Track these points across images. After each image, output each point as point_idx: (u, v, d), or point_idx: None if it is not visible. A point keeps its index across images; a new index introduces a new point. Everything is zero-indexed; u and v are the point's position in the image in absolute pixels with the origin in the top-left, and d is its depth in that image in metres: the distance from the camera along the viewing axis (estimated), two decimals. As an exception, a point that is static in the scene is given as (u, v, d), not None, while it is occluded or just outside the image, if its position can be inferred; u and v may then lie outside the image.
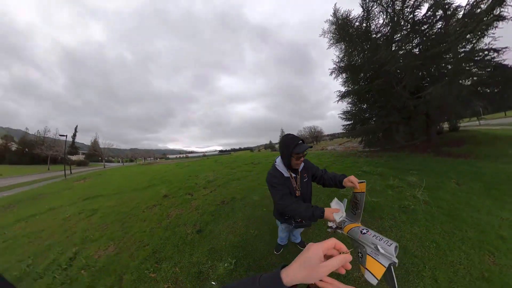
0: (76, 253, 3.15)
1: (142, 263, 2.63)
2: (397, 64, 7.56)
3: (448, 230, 2.57)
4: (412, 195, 3.57)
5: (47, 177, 18.94)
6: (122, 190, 7.76)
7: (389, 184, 4.28)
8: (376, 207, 3.30)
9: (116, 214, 4.80)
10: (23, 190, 11.14)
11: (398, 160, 7.10)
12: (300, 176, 1.59)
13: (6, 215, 6.18)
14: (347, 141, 23.67)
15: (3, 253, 3.54)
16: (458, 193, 3.64)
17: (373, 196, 3.67)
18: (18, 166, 35.76)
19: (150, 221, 3.98)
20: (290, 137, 1.43)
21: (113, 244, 3.30)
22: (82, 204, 6.31)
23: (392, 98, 9.21)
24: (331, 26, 10.54)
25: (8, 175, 22.36)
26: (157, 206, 4.92)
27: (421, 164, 6.07)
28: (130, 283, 2.33)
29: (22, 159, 40.06)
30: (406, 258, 2.17)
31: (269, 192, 1.57)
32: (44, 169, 32.25)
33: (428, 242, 2.40)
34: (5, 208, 7.15)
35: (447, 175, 4.66)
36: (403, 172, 5.15)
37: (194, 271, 2.34)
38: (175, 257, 2.68)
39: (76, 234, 3.92)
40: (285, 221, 1.78)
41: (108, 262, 2.80)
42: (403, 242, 2.46)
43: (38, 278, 2.65)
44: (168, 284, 2.21)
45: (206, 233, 3.20)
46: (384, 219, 2.96)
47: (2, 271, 2.93)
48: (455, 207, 3.13)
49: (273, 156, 13.54)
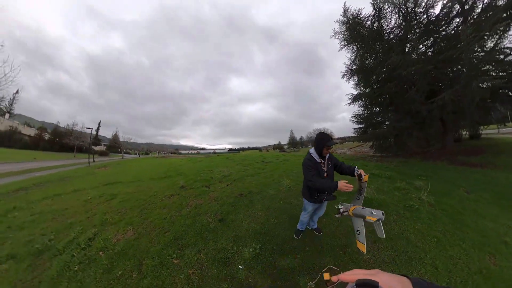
0: (95, 234, 3.06)
1: (164, 249, 2.45)
2: (409, 69, 7.16)
3: (450, 230, 2.62)
4: (417, 197, 3.62)
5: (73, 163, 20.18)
6: (140, 179, 7.84)
7: (396, 186, 4.34)
8: (382, 203, 3.40)
9: (135, 200, 4.73)
10: (52, 173, 11.84)
11: (408, 166, 6.98)
12: (326, 163, 2.04)
13: (35, 192, 6.47)
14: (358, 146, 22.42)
15: (29, 225, 3.60)
16: (465, 200, 3.59)
17: (380, 195, 3.75)
18: (50, 153, 39.45)
19: (169, 209, 3.84)
20: (324, 134, 2.03)
21: (132, 228, 3.16)
22: (102, 189, 6.41)
23: (405, 102, 8.71)
24: (341, 26, 10.05)
25: (41, 159, 24.32)
26: (175, 196, 4.79)
27: (431, 171, 5.95)
28: (151, 268, 2.14)
29: (53, 147, 44.67)
30: (409, 247, 2.27)
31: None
32: (70, 156, 35.08)
33: (430, 237, 2.46)
34: (35, 186, 7.54)
35: (456, 183, 4.60)
36: (412, 177, 5.10)
37: (219, 256, 2.28)
38: (199, 244, 2.54)
39: (96, 216, 3.88)
40: (316, 200, 2.07)
41: (127, 246, 2.65)
42: (406, 234, 2.55)
43: (57, 254, 2.58)
44: (193, 270, 2.09)
45: (228, 222, 3.09)
46: (389, 214, 3.02)
47: (26, 243, 2.92)
48: (460, 212, 3.14)
49: (283, 157, 13.55)
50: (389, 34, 9.05)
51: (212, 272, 2.06)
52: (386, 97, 9.98)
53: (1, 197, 5.87)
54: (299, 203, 3.67)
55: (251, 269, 2.07)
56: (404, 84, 8.38)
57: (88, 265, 2.33)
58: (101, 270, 2.21)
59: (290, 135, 65.03)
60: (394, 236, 2.49)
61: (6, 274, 2.28)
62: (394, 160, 8.48)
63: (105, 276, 2.12)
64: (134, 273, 2.13)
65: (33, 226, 3.57)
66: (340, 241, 2.44)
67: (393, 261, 2.07)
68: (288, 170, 7.22)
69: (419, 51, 8.23)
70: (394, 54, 7.53)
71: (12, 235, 3.25)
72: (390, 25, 8.93)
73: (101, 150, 52.49)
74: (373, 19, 9.05)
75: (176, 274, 2.06)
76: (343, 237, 2.52)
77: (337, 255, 2.20)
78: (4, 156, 23.06)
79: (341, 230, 2.68)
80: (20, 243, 2.92)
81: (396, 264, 2.03)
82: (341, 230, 2.68)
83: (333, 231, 2.66)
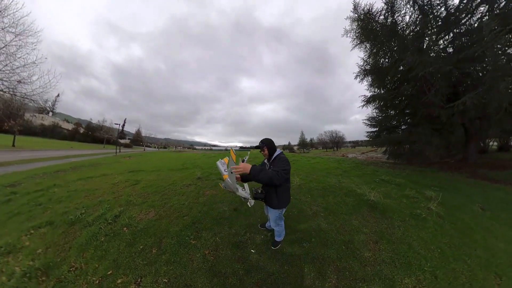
0: (120, 212, 3.18)
1: (182, 231, 2.48)
2: (426, 70, 6.14)
3: (456, 244, 2.39)
4: (426, 207, 3.33)
5: (103, 153, 21.70)
6: (160, 169, 8.11)
7: (405, 193, 4.04)
8: (388, 209, 3.21)
9: (156, 187, 4.87)
10: (85, 159, 12.76)
11: (422, 175, 6.34)
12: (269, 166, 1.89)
13: (71, 174, 7.00)
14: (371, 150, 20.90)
15: (65, 200, 3.89)
16: (479, 217, 3.23)
17: (387, 199, 3.56)
18: (83, 143, 44.26)
19: (187, 197, 3.90)
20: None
21: (154, 210, 3.24)
22: (127, 175, 6.72)
23: (422, 106, 7.58)
24: (352, 23, 8.96)
25: (76, 148, 26.70)
26: (192, 185, 4.86)
27: (446, 183, 5.37)
28: (169, 246, 2.17)
29: (86, 139, 49.95)
30: (410, 252, 2.15)
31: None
32: (100, 147, 38.66)
33: (433, 247, 2.28)
34: (71, 169, 8.18)
35: (473, 198, 4.13)
36: (423, 187, 4.66)
37: (234, 240, 2.35)
38: (215, 228, 2.56)
39: (122, 197, 4.04)
40: None
41: (148, 225, 2.71)
42: (408, 240, 2.40)
43: (87, 226, 2.71)
44: (208, 250, 2.12)
45: (242, 212, 3.09)
46: (394, 219, 2.88)
47: (62, 213, 3.14)
48: (470, 227, 2.83)
49: (293, 157, 13.03)
50: (404, 30, 7.86)
51: (227, 253, 2.10)
52: (402, 100, 8.88)
53: (45, 176, 6.42)
54: (307, 200, 3.65)
55: (261, 253, 2.09)
56: (423, 85, 7.18)
57: (113, 237, 2.42)
58: (124, 243, 2.28)
59: (300, 136, 62.66)
60: (396, 240, 2.40)
61: (44, 237, 2.47)
62: (407, 168, 7.74)
63: (128, 249, 2.18)
64: (154, 249, 2.16)
65: (68, 200, 3.84)
66: (344, 237, 2.44)
67: (392, 262, 2.01)
68: (298, 170, 7.04)
69: (438, 49, 7.12)
70: (409, 54, 6.53)
71: (51, 206, 3.53)
72: (405, 20, 7.79)
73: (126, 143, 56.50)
74: (386, 13, 7.97)
75: (193, 253, 2.07)
76: (347, 233, 2.52)
77: (340, 249, 2.21)
78: (48, 145, 26.27)
79: (345, 227, 2.67)
80: (57, 214, 3.15)
81: (395, 266, 1.96)
82: (345, 227, 2.67)
83: (338, 228, 2.65)
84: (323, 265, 1.94)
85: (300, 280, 1.76)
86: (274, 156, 1.83)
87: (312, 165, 8.31)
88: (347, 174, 6.09)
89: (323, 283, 1.73)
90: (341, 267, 1.93)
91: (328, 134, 55.98)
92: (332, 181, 5.01)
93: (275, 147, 1.91)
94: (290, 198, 1.96)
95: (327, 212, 3.10)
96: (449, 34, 6.96)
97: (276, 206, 1.85)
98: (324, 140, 57.11)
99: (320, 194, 3.94)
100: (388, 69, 8.42)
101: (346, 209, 3.22)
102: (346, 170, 6.94)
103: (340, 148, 53.03)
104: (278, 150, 1.90)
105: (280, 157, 1.79)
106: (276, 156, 1.81)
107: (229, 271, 1.84)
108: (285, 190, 1.85)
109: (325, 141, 56.79)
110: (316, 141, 64.43)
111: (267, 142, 1.87)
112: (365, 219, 2.86)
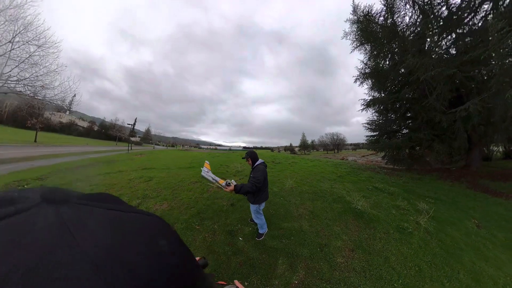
0: (139, 204, 3.78)
1: (190, 219, 3.05)
2: (428, 73, 5.73)
3: (438, 264, 2.22)
4: (415, 221, 3.17)
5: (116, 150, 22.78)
6: (170, 167, 8.75)
7: (396, 204, 3.85)
8: (373, 219, 3.14)
9: (167, 183, 5.46)
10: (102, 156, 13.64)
11: (418, 184, 6.05)
12: None
13: (90, 169, 7.74)
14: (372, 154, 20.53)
15: (92, 192, 4.53)
16: (472, 235, 3.02)
17: (375, 210, 3.47)
18: (97, 140, 47.39)
19: (194, 192, 4.46)
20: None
21: (166, 203, 3.82)
22: (141, 172, 7.37)
23: (423, 111, 7.20)
24: (352, 25, 8.72)
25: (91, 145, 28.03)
26: (198, 183, 5.41)
27: (443, 193, 5.02)
28: (179, 230, 2.74)
29: (100, 136, 52.22)
30: (384, 266, 2.08)
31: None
32: (113, 144, 40.53)
33: (412, 264, 2.17)
34: (91, 165, 8.97)
35: (469, 212, 3.86)
36: (418, 197, 4.45)
37: (228, 229, 2.79)
38: (214, 218, 3.08)
39: (139, 191, 4.64)
40: None
41: (162, 214, 3.29)
42: (386, 253, 2.31)
43: None
44: (208, 234, 2.65)
45: (237, 207, 3.57)
46: (377, 231, 2.79)
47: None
48: (459, 247, 2.61)
49: (292, 159, 13.05)
50: (404, 31, 7.43)
51: (221, 238, 2.58)
52: (403, 103, 8.44)
53: (66, 171, 7.10)
54: (296, 202, 3.83)
55: (247, 241, 2.50)
56: (424, 88, 6.65)
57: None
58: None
59: (302, 138, 62.89)
60: (374, 251, 2.33)
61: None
62: (405, 175, 7.36)
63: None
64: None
65: (92, 193, 4.49)
66: (322, 240, 2.54)
67: (362, 272, 1.99)
68: (294, 172, 7.45)
69: (440, 50, 6.61)
70: (410, 56, 6.05)
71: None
72: (405, 21, 7.46)
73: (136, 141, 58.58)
74: (385, 14, 7.65)
75: (197, 235, 2.63)
76: (326, 237, 2.61)
77: (314, 250, 2.34)
78: (66, 141, 27.78)
79: (325, 232, 2.75)
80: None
81: (365, 277, 1.93)
82: (325, 232, 2.75)
83: (318, 231, 2.76)
84: (296, 261, 2.12)
85: (273, 268, 2.02)
86: (255, 165, 2.34)
87: (309, 168, 8.34)
88: (341, 180, 6.05)
89: (291, 275, 1.93)
90: (311, 266, 2.06)
91: (329, 136, 56.26)
92: (325, 186, 5.03)
93: (257, 158, 2.41)
94: (267, 196, 2.42)
95: (312, 216, 3.22)
96: (451, 34, 6.59)
97: (253, 202, 2.34)
98: (325, 142, 57.06)
99: (310, 198, 4.06)
100: (389, 72, 8.16)
101: (331, 214, 3.26)
102: (341, 175, 6.93)
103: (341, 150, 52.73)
104: (259, 160, 2.39)
105: (258, 167, 2.29)
106: (256, 166, 2.32)
107: (221, 251, 2.29)
108: (261, 191, 2.29)
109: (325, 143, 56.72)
110: (317, 143, 64.46)
111: (251, 154, 2.39)
112: (347, 227, 2.86)
